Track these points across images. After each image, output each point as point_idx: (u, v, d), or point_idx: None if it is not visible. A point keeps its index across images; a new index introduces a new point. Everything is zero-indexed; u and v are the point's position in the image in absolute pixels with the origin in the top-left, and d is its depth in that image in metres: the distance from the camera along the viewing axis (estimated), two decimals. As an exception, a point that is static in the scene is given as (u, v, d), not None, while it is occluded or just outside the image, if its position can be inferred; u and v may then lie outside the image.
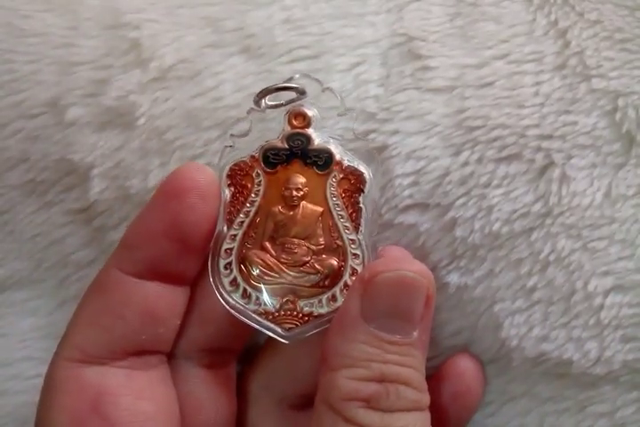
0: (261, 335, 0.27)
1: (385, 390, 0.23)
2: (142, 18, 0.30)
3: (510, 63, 0.29)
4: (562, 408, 0.29)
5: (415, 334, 0.24)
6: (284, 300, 0.26)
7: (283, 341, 0.26)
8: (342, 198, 0.26)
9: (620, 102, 0.28)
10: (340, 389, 0.23)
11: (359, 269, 0.26)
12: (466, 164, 0.28)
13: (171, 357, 0.27)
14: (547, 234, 0.28)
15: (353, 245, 0.26)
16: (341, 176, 0.26)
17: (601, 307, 0.28)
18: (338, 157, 0.26)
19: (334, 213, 0.26)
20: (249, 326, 0.26)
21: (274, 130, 0.27)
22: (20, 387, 0.32)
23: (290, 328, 0.26)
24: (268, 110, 0.27)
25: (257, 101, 0.27)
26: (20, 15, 0.31)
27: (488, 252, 0.28)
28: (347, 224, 0.26)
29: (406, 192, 0.28)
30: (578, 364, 0.28)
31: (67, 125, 0.30)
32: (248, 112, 0.27)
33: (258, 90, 0.28)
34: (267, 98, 0.27)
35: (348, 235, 0.26)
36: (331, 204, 0.26)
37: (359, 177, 0.26)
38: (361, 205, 0.26)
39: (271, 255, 0.26)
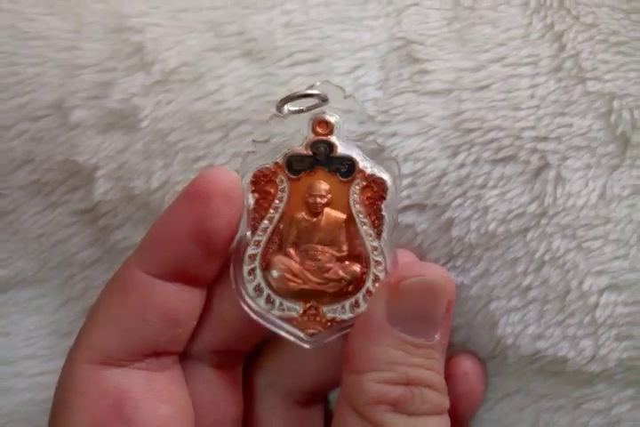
0: (268, 332, 0.27)
1: (410, 394, 0.23)
2: (145, 22, 0.30)
3: (506, 66, 0.29)
4: (557, 405, 0.29)
5: (437, 337, 0.24)
6: (308, 305, 0.26)
7: (305, 346, 0.26)
8: (365, 206, 0.26)
9: (615, 104, 0.28)
10: (366, 392, 0.23)
11: (381, 275, 0.26)
12: (462, 165, 0.28)
13: (182, 357, 0.27)
14: (542, 234, 0.28)
15: (375, 252, 0.26)
16: (364, 184, 0.26)
17: (596, 306, 0.28)
18: (361, 164, 0.26)
19: (357, 221, 0.26)
20: (263, 329, 0.26)
21: (282, 134, 0.28)
22: (23, 385, 0.32)
23: (312, 333, 0.26)
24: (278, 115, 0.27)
25: (279, 107, 0.27)
26: (24, 18, 0.31)
27: (484, 251, 0.28)
28: (369, 231, 0.26)
29: (404, 193, 0.28)
30: (573, 362, 0.28)
31: (71, 127, 0.30)
32: (270, 118, 0.27)
33: (259, 93, 0.28)
34: (289, 104, 0.27)
35: (370, 242, 0.26)
36: (354, 211, 0.26)
37: (382, 185, 0.26)
38: (383, 212, 0.26)
39: (295, 261, 0.26)
